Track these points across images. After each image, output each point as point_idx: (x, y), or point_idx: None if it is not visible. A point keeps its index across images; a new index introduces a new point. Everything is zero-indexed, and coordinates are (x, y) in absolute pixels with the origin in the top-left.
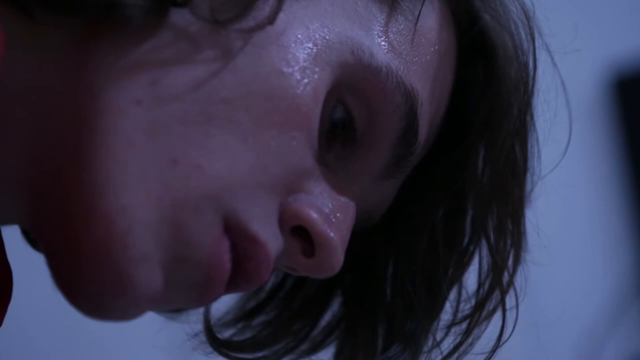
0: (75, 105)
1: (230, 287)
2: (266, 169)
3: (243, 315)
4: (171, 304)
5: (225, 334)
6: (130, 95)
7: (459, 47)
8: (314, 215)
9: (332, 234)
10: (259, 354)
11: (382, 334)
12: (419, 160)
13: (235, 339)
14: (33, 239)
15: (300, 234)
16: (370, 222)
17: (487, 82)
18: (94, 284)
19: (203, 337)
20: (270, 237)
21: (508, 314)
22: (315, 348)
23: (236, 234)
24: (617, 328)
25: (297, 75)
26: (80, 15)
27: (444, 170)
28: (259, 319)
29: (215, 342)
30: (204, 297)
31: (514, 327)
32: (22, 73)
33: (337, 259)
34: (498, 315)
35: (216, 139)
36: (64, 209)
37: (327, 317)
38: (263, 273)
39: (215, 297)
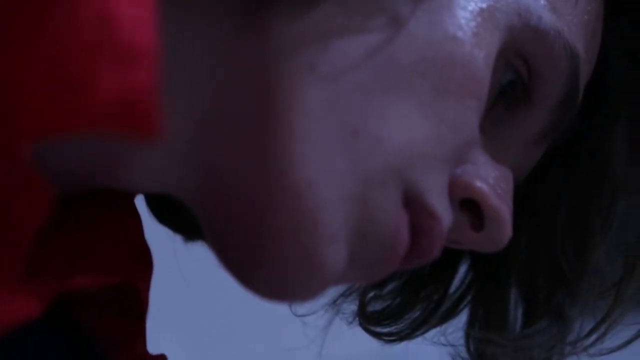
0: (247, 76)
1: (401, 262)
2: (443, 139)
3: (374, 284)
4: (346, 281)
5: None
6: (304, 63)
7: (606, 3)
8: (485, 187)
9: (502, 207)
10: (395, 327)
11: (523, 306)
12: None
13: (369, 309)
14: (161, 211)
15: (467, 206)
16: None
17: (635, 41)
18: (280, 265)
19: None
20: (445, 212)
21: None
22: (446, 317)
23: (415, 208)
24: None
25: (471, 41)
26: None
27: (584, 132)
28: (390, 287)
29: (361, 316)
30: (379, 273)
31: None
32: (184, 41)
33: (508, 232)
34: None
35: (395, 109)
36: (242, 185)
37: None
38: (436, 249)
39: (388, 273)
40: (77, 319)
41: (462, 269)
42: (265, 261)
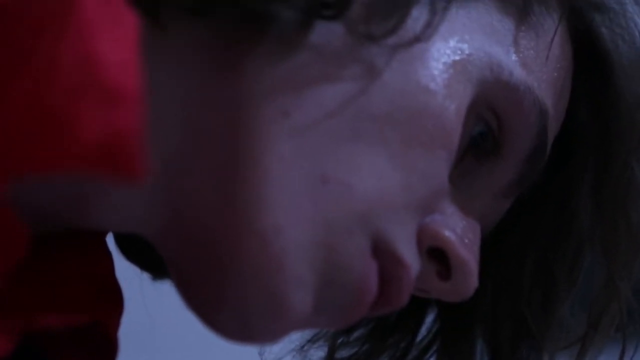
0: (220, 120)
1: (370, 309)
2: (412, 189)
3: (342, 330)
4: (312, 326)
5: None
6: (277, 109)
7: (575, 62)
8: (453, 237)
9: (469, 257)
10: None
11: (489, 357)
12: None
13: (337, 356)
14: (130, 249)
15: (435, 255)
16: None
17: (602, 99)
18: (244, 307)
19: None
20: (413, 260)
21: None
22: None
23: (383, 256)
24: None
25: (443, 92)
26: (219, 25)
27: (551, 186)
28: (357, 333)
29: None
30: (346, 319)
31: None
32: (159, 82)
33: (474, 282)
34: None
35: (365, 157)
36: (209, 226)
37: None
38: (404, 296)
39: (356, 320)
40: (46, 358)
41: (430, 318)
42: (229, 303)
